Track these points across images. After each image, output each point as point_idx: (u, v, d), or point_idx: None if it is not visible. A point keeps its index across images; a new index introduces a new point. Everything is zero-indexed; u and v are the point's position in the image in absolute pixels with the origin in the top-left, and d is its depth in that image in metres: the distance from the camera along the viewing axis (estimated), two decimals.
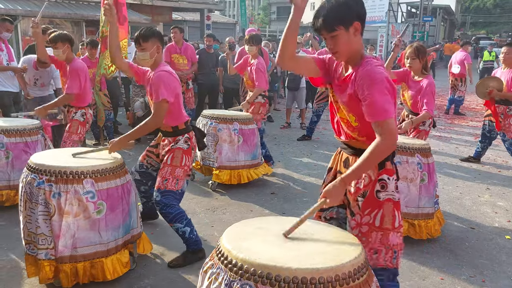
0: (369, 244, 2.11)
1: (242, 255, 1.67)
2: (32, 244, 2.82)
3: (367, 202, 2.10)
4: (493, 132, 5.90)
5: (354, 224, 2.12)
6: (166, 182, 3.20)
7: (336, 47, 2.00)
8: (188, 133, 3.34)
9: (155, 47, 3.14)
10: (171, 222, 3.20)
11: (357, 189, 2.13)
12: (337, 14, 1.95)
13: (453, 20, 48.50)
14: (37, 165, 2.83)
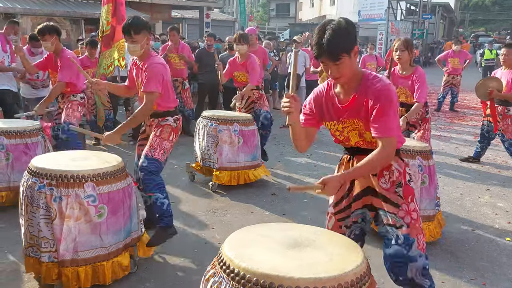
0: (421, 229, 2.21)
1: (244, 264, 1.66)
2: (34, 247, 2.83)
3: (406, 190, 2.20)
4: (492, 132, 5.90)
5: (404, 213, 2.16)
6: (154, 151, 3.33)
7: (340, 73, 2.04)
8: (177, 115, 3.49)
9: (146, 39, 3.22)
10: (152, 190, 3.28)
11: (392, 182, 2.20)
12: (340, 43, 1.98)
13: (452, 17, 48.44)
14: (38, 168, 2.83)
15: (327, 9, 40.42)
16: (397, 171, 2.21)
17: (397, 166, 2.22)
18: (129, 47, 3.24)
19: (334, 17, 19.71)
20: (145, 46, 3.24)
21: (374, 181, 2.24)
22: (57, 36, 4.51)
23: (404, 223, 2.15)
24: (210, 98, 8.43)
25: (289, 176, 5.58)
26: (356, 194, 2.31)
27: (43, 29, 4.46)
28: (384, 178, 2.21)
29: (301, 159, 6.40)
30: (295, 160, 6.35)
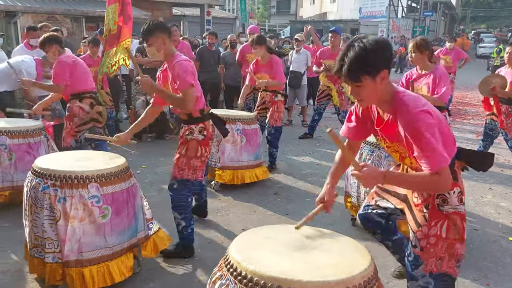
0: (436, 254, 2.12)
1: (252, 267, 1.66)
2: (39, 248, 2.83)
3: (432, 213, 2.11)
4: (495, 131, 5.88)
5: (421, 236, 2.12)
6: (183, 172, 3.26)
7: (360, 96, 1.95)
8: (203, 123, 3.30)
9: (160, 40, 3.13)
10: (173, 208, 3.32)
11: (423, 200, 2.16)
12: (363, 63, 1.84)
13: (453, 14, 48.37)
14: (41, 169, 2.83)
15: (328, 6, 40.32)
16: (426, 192, 2.14)
17: None
18: (148, 51, 3.23)
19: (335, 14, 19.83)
20: (163, 47, 3.15)
21: (409, 193, 2.23)
22: (56, 45, 4.45)
23: (418, 245, 2.12)
24: (211, 97, 8.42)
25: (291, 175, 5.57)
26: (395, 191, 2.33)
27: (42, 42, 4.44)
28: (418, 193, 2.18)
29: (304, 158, 6.39)
30: (298, 159, 6.35)
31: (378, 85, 1.90)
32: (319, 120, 7.61)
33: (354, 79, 1.88)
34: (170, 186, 3.29)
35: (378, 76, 1.88)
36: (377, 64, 1.87)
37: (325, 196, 2.19)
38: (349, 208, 4.01)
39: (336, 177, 2.29)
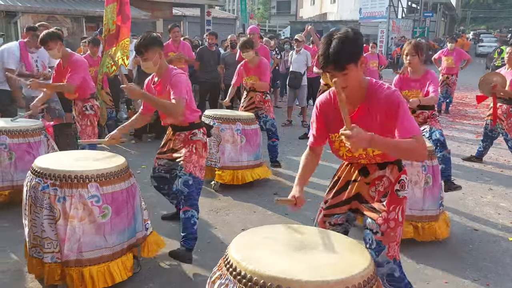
0: (396, 238, 2.21)
1: (251, 267, 1.66)
2: (38, 248, 2.83)
3: (391, 200, 2.19)
4: (495, 131, 5.89)
5: (382, 221, 2.17)
6: (195, 169, 3.28)
7: (346, 83, 2.01)
8: (202, 128, 3.42)
9: (157, 54, 3.15)
10: (192, 206, 3.22)
11: (378, 192, 2.23)
12: (348, 53, 1.97)
13: (453, 15, 48.40)
14: (41, 169, 2.83)
15: (328, 7, 40.32)
16: (387, 180, 2.23)
17: (389, 175, 2.23)
18: (143, 65, 3.20)
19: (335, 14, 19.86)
20: (159, 62, 3.17)
21: (365, 189, 2.28)
22: (60, 41, 4.35)
23: (380, 231, 2.17)
24: (211, 97, 8.43)
25: (291, 175, 5.57)
26: (345, 199, 2.34)
27: (44, 38, 4.28)
28: (375, 187, 2.24)
29: None
30: (297, 159, 6.33)
31: (359, 70, 2.03)
32: None
33: (341, 68, 1.97)
34: (186, 182, 3.22)
35: (359, 62, 2.01)
36: (357, 51, 2.01)
37: (295, 195, 2.24)
38: None
39: (305, 181, 2.36)
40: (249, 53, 5.25)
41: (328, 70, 2.01)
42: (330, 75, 2.02)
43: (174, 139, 3.41)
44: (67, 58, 4.44)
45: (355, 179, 2.32)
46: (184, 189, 3.22)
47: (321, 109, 2.27)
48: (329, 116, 2.23)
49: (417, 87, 4.22)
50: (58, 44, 4.33)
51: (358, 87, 2.08)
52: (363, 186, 2.29)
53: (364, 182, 2.28)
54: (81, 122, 4.58)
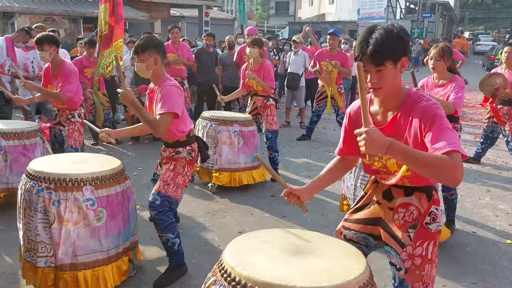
0: (422, 278, 1.96)
1: (246, 273, 1.64)
2: (31, 252, 2.80)
3: (419, 233, 1.95)
4: (496, 132, 5.87)
5: (406, 256, 1.96)
6: (168, 187, 3.06)
7: (381, 83, 1.80)
8: (191, 145, 3.22)
9: (153, 59, 2.98)
10: (163, 231, 3.02)
11: (405, 222, 1.98)
12: (389, 47, 1.75)
13: (451, 16, 48.46)
14: (36, 172, 2.80)
15: (326, 7, 40.36)
16: (416, 211, 1.97)
17: (418, 205, 1.97)
18: (135, 66, 3.08)
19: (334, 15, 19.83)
20: (154, 67, 3.01)
21: (389, 215, 2.04)
22: (55, 47, 4.29)
23: (403, 267, 1.96)
24: (208, 98, 8.41)
25: (289, 177, 5.55)
26: (364, 218, 2.14)
27: (41, 38, 4.23)
28: (399, 215, 2.00)
29: (301, 159, 6.38)
30: (295, 160, 6.33)
31: (398, 73, 1.82)
32: (317, 122, 7.61)
33: (378, 62, 1.76)
34: (152, 203, 3.01)
35: (399, 62, 1.80)
36: (401, 49, 1.79)
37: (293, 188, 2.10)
38: (345, 211, 3.98)
39: (317, 185, 2.20)
40: (254, 50, 5.13)
41: (363, 61, 1.78)
42: (364, 69, 1.79)
43: (162, 153, 3.28)
44: (58, 65, 4.33)
45: (378, 201, 2.10)
46: (151, 211, 3.03)
47: (352, 118, 2.06)
48: (360, 125, 1.97)
49: (441, 93, 3.85)
50: (52, 49, 4.25)
51: (393, 93, 1.87)
52: (386, 211, 2.05)
53: (387, 206, 2.05)
54: (68, 126, 4.48)
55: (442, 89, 3.81)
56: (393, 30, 1.78)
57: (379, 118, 1.95)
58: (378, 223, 2.08)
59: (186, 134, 3.18)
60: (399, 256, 1.97)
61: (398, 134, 1.85)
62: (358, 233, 2.15)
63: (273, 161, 5.42)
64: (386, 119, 1.91)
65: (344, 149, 2.15)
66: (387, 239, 2.03)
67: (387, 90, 1.84)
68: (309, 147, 7.11)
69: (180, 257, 3.14)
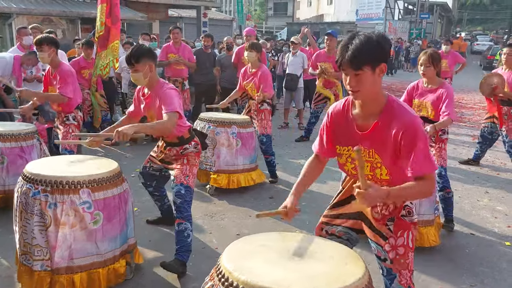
0: (408, 265, 2.06)
1: (243, 277, 1.62)
2: (27, 255, 2.78)
3: (397, 225, 2.06)
4: (495, 133, 5.86)
5: (390, 248, 2.05)
6: (188, 178, 3.26)
7: (359, 86, 1.87)
8: (194, 140, 3.38)
9: (148, 67, 3.07)
10: (185, 218, 3.17)
11: (383, 216, 2.08)
12: (367, 53, 1.82)
13: (449, 17, 48.54)
14: (32, 174, 2.78)
15: (324, 8, 40.39)
16: (393, 205, 2.07)
17: None
18: (132, 76, 3.12)
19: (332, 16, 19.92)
20: (149, 74, 3.10)
21: (367, 210, 2.14)
22: (55, 49, 4.28)
23: (388, 258, 2.06)
24: (206, 99, 8.39)
25: (287, 178, 5.54)
26: (346, 213, 2.22)
27: (41, 39, 4.23)
28: (377, 209, 2.09)
29: (300, 161, 6.36)
30: (293, 162, 6.32)
31: (376, 78, 1.88)
32: (316, 123, 7.59)
33: (356, 67, 1.84)
34: (178, 192, 3.19)
35: (378, 68, 1.86)
36: (379, 55, 1.86)
37: (287, 205, 2.15)
38: None
39: (302, 189, 2.23)
40: (252, 54, 5.13)
41: (343, 66, 1.88)
42: (344, 72, 1.89)
43: (166, 152, 3.39)
44: (56, 67, 4.33)
45: None
46: (176, 200, 3.20)
47: (333, 118, 2.12)
48: (340, 126, 2.08)
49: (429, 98, 3.94)
50: (51, 50, 4.24)
51: (373, 98, 1.93)
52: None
53: None
54: (63, 129, 4.47)
55: (432, 94, 3.92)
56: (372, 37, 1.86)
57: (360, 122, 2.01)
58: (359, 217, 2.17)
59: (188, 130, 3.33)
60: (383, 248, 2.07)
61: (378, 141, 1.95)
62: (340, 227, 2.22)
63: (270, 164, 5.40)
64: (368, 124, 1.97)
65: (327, 149, 2.19)
66: (369, 233, 2.14)
67: (365, 94, 1.91)
68: (307, 149, 7.09)
69: (187, 253, 3.19)
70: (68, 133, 4.47)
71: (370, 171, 2.03)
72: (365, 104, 1.96)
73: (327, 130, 2.16)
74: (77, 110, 4.57)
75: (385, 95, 1.96)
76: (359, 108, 2.01)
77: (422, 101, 3.97)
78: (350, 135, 2.03)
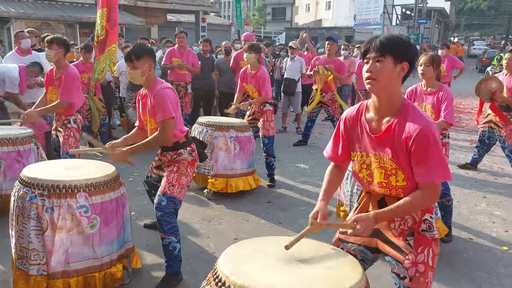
0: (427, 285, 1.96)
1: (240, 282, 1.62)
2: (24, 259, 2.77)
3: (418, 240, 1.96)
4: (493, 138, 5.88)
5: (410, 264, 1.95)
6: (173, 188, 3.10)
7: (376, 74, 1.85)
8: (190, 146, 3.27)
9: (147, 65, 3.05)
10: (166, 233, 3.04)
11: (401, 230, 1.99)
12: (394, 44, 1.85)
13: (447, 22, 48.76)
14: (29, 178, 2.78)
15: (322, 13, 40.56)
16: (411, 219, 1.98)
17: (413, 214, 1.98)
18: (129, 74, 3.10)
19: (330, 21, 20.02)
20: (148, 73, 3.06)
21: (384, 224, 2.03)
22: (64, 50, 4.32)
23: (408, 276, 1.95)
24: (205, 104, 8.40)
25: (285, 183, 5.54)
26: None
27: (53, 38, 4.28)
28: (395, 224, 2.00)
29: (298, 165, 6.36)
30: (292, 166, 6.32)
31: (395, 74, 1.86)
32: (312, 127, 7.60)
33: (379, 52, 1.84)
34: (158, 204, 3.04)
35: (399, 65, 1.86)
36: (405, 53, 1.87)
37: (318, 213, 2.01)
38: (342, 217, 3.97)
39: (330, 195, 2.14)
40: (251, 55, 5.13)
41: (367, 52, 1.88)
42: (365, 61, 1.89)
43: (162, 158, 3.31)
44: (62, 68, 4.35)
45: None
46: (156, 213, 3.05)
47: (347, 123, 2.07)
48: (354, 131, 2.04)
49: (428, 101, 3.90)
50: (60, 51, 4.28)
51: (389, 95, 1.91)
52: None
53: None
54: (64, 132, 4.47)
55: (431, 97, 3.88)
56: (403, 36, 1.91)
57: (374, 125, 1.97)
58: (375, 235, 2.06)
59: (184, 134, 3.24)
60: (402, 264, 1.97)
61: (389, 142, 1.90)
62: (355, 245, 2.12)
63: (269, 166, 5.41)
64: (381, 127, 1.94)
65: (341, 155, 2.15)
66: (386, 250, 2.03)
67: (382, 85, 1.87)
68: (305, 153, 7.10)
69: (177, 264, 3.12)
70: (69, 136, 4.47)
71: (384, 178, 1.96)
72: (381, 104, 1.93)
73: (342, 136, 2.11)
74: (77, 113, 4.59)
75: (401, 97, 1.94)
76: (374, 111, 1.97)
77: (422, 104, 3.93)
78: (363, 139, 2.00)
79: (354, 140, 2.05)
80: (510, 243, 3.97)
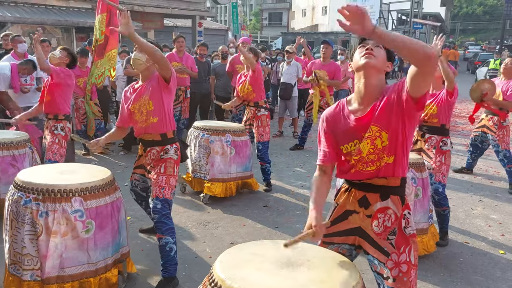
0: (410, 284, 1.97)
1: (236, 286, 1.61)
2: (17, 265, 2.74)
3: (399, 239, 1.98)
4: (485, 143, 5.89)
5: (392, 265, 1.96)
6: (164, 191, 3.11)
7: (376, 52, 1.96)
8: (176, 143, 3.27)
9: None
10: (164, 233, 3.06)
11: (385, 228, 2.00)
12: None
13: (442, 27, 49.01)
14: (24, 182, 2.75)
15: (319, 18, 40.68)
16: (394, 215, 1.99)
17: (395, 209, 2.00)
18: (135, 56, 3.10)
19: (326, 26, 20.12)
20: (150, 63, 3.10)
21: (366, 222, 2.04)
22: (70, 60, 4.61)
23: (391, 276, 1.95)
24: (201, 108, 8.39)
25: (282, 187, 5.53)
26: (344, 230, 2.11)
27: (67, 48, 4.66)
28: (378, 221, 2.01)
29: (294, 169, 6.36)
30: (288, 170, 6.31)
31: (385, 66, 2.01)
32: (309, 131, 7.60)
33: (377, 44, 1.97)
34: (154, 208, 3.08)
35: (388, 58, 2.02)
36: (393, 56, 2.06)
37: (312, 223, 1.98)
38: None
39: (321, 204, 2.09)
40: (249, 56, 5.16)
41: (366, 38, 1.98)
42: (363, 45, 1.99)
43: (145, 155, 3.27)
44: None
45: (355, 210, 2.08)
46: (154, 216, 3.10)
47: (329, 122, 2.11)
48: (339, 126, 2.07)
49: (432, 102, 3.90)
50: (66, 59, 4.53)
51: (378, 79, 1.99)
52: (364, 219, 2.05)
53: (365, 214, 2.05)
54: (50, 138, 4.48)
55: (435, 99, 3.90)
56: None
57: (359, 114, 2.01)
58: (358, 233, 2.08)
59: (172, 131, 3.25)
60: (385, 264, 1.98)
61: (376, 115, 1.95)
62: (343, 244, 2.13)
63: (265, 172, 5.39)
64: (367, 109, 1.99)
65: (330, 154, 2.13)
66: (369, 249, 2.05)
67: (377, 64, 1.96)
68: (302, 157, 7.09)
69: (173, 267, 3.11)
70: (54, 143, 4.49)
71: (371, 144, 1.97)
72: (367, 89, 1.98)
73: (325, 135, 2.14)
74: (66, 121, 4.57)
75: (384, 81, 2.03)
76: (358, 100, 2.03)
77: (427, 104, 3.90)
78: (349, 128, 2.02)
79: (340, 133, 2.06)
80: (506, 247, 3.97)
